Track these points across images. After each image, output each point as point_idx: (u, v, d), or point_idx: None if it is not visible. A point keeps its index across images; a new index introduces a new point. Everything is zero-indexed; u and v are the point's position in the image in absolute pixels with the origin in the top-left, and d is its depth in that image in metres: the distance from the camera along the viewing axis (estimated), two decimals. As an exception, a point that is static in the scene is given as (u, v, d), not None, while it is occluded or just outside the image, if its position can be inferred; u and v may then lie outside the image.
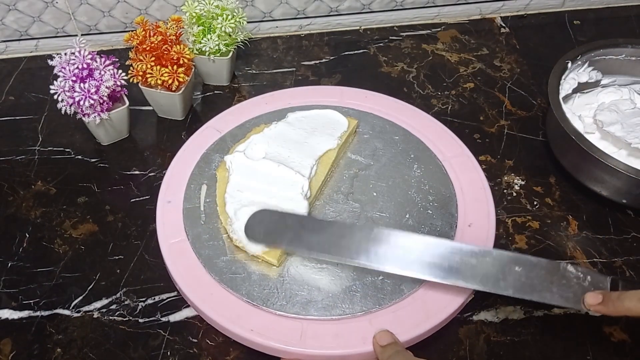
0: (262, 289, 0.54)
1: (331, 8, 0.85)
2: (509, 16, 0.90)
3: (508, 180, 0.67)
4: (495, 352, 0.54)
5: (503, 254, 0.50)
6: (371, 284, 0.54)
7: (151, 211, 0.62)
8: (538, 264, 0.49)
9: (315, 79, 0.80)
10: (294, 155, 0.62)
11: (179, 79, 0.68)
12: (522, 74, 0.80)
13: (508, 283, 0.49)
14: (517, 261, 0.50)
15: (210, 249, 0.57)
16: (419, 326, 0.52)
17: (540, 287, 0.48)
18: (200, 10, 0.72)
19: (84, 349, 0.54)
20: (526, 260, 0.50)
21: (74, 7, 0.79)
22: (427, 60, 0.83)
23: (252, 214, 0.54)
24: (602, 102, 0.69)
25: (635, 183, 0.59)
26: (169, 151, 0.69)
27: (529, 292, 0.49)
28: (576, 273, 0.48)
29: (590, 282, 0.48)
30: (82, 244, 0.62)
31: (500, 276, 0.49)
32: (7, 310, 0.57)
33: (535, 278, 0.49)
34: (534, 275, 0.49)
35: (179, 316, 0.56)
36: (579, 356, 0.53)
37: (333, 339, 0.51)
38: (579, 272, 0.48)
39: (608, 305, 0.46)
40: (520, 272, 0.49)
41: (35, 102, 0.77)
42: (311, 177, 0.61)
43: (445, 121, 0.71)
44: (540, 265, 0.49)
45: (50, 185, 0.67)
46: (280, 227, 0.54)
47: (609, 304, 0.45)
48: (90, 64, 0.64)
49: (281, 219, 0.54)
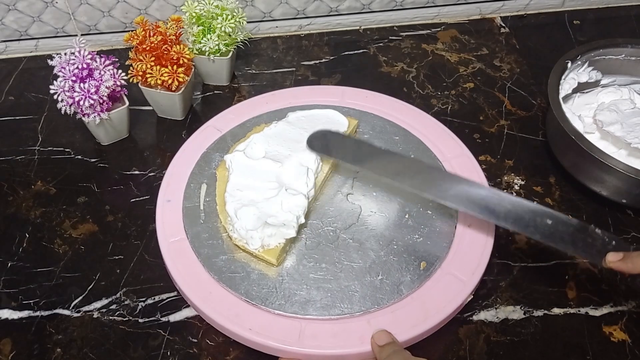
0: (261, 288, 0.54)
1: (331, 8, 0.85)
2: (508, 16, 0.90)
3: (508, 180, 0.67)
4: (495, 352, 0.54)
5: (539, 207, 0.53)
6: (370, 284, 0.55)
7: (151, 211, 0.62)
8: (568, 222, 0.52)
9: (315, 79, 0.80)
10: (294, 155, 0.62)
11: (179, 79, 0.68)
12: (522, 73, 0.80)
13: (537, 229, 0.52)
14: (550, 216, 0.52)
15: (209, 248, 0.57)
16: (417, 326, 0.52)
17: (568, 240, 0.51)
18: (200, 10, 0.72)
19: (84, 349, 0.54)
20: (559, 216, 0.52)
21: (74, 7, 0.79)
22: (427, 60, 0.83)
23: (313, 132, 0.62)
24: (602, 102, 0.69)
25: (635, 183, 0.59)
26: (169, 151, 0.69)
27: (556, 241, 0.52)
28: (602, 236, 0.51)
29: (614, 246, 0.50)
30: (82, 244, 0.62)
31: (531, 223, 0.52)
32: (7, 310, 0.57)
33: (564, 232, 0.51)
34: (563, 230, 0.51)
35: (179, 316, 0.56)
36: (579, 356, 0.53)
37: (331, 338, 0.51)
38: (604, 235, 0.51)
39: (627, 262, 0.47)
40: (551, 225, 0.52)
41: (35, 102, 0.77)
42: (317, 174, 0.61)
43: (445, 121, 0.71)
44: (570, 223, 0.52)
45: (50, 185, 0.67)
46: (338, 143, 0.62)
47: (629, 261, 0.47)
48: (90, 64, 0.64)
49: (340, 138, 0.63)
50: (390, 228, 0.59)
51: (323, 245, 0.58)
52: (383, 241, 0.58)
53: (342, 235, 0.59)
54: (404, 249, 0.57)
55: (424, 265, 0.56)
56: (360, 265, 0.56)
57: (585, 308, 0.57)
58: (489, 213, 0.54)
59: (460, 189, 0.55)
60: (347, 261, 0.56)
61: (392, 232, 0.59)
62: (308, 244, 0.58)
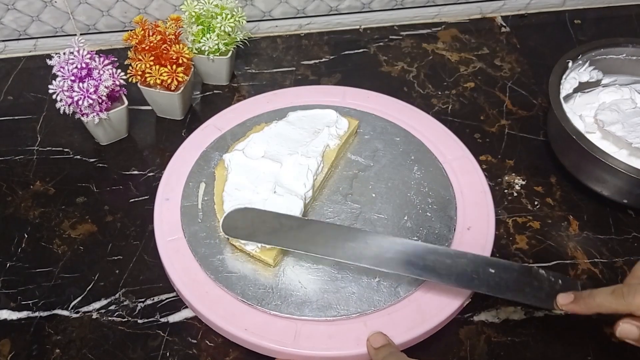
0: (257, 289, 0.54)
1: (331, 7, 0.85)
2: (509, 15, 0.90)
3: (509, 180, 0.67)
4: (496, 352, 0.53)
5: (477, 257, 0.52)
6: (367, 286, 0.54)
7: (150, 211, 0.62)
8: (510, 267, 0.51)
9: (315, 79, 0.79)
10: (293, 155, 0.62)
11: (178, 78, 0.68)
12: (522, 73, 0.80)
13: (482, 282, 0.51)
14: (491, 264, 0.51)
15: (206, 247, 0.57)
16: (414, 329, 0.52)
17: (514, 287, 0.50)
18: (200, 9, 0.72)
19: (83, 349, 0.54)
20: (499, 263, 0.51)
21: (73, 6, 0.79)
22: (427, 60, 0.82)
23: (226, 213, 0.56)
24: (602, 101, 0.69)
25: (636, 183, 0.59)
26: (168, 151, 0.69)
27: (503, 291, 0.50)
28: (547, 276, 0.50)
29: (561, 284, 0.49)
30: (81, 244, 0.62)
31: (474, 276, 0.51)
32: (5, 311, 0.56)
33: (509, 279, 0.50)
34: (507, 277, 0.51)
35: (178, 317, 0.56)
36: (580, 357, 0.53)
37: (327, 340, 0.51)
38: (550, 275, 0.50)
39: (580, 303, 0.46)
40: (494, 273, 0.51)
41: (34, 101, 0.77)
42: (317, 174, 0.61)
43: (445, 121, 0.71)
44: (513, 268, 0.51)
45: (49, 185, 0.67)
46: (257, 223, 0.55)
47: (581, 302, 0.46)
48: (89, 64, 0.64)
49: (259, 216, 0.56)
50: (388, 230, 0.59)
51: (321, 246, 0.58)
52: (382, 242, 0.58)
53: (340, 236, 0.58)
54: (403, 250, 0.57)
55: (422, 267, 0.56)
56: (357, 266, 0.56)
57: (586, 309, 0.56)
58: (429, 273, 0.51)
59: (396, 251, 0.52)
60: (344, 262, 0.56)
61: (391, 233, 0.58)
62: (307, 244, 0.58)
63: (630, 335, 0.44)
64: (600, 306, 0.44)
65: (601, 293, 0.45)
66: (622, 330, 0.44)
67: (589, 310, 0.45)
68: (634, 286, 0.43)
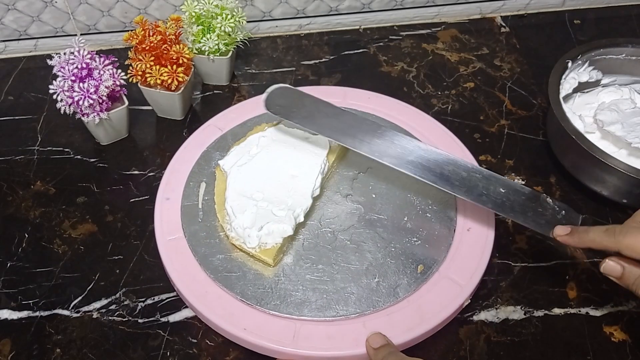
0: (257, 288, 0.54)
1: (331, 7, 0.85)
2: (509, 15, 0.90)
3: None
4: (496, 352, 0.54)
5: (492, 175, 0.55)
6: (366, 286, 0.54)
7: (150, 211, 0.62)
8: (521, 190, 0.54)
9: (315, 79, 0.80)
10: (295, 154, 0.62)
11: (179, 78, 0.68)
12: (522, 73, 0.80)
13: (489, 199, 0.54)
14: (503, 184, 0.54)
15: (206, 247, 0.57)
16: (413, 330, 0.52)
17: (518, 209, 0.53)
18: (200, 9, 0.72)
19: (84, 349, 0.54)
20: (511, 184, 0.55)
21: (73, 6, 0.79)
22: (427, 60, 0.82)
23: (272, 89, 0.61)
24: (602, 101, 0.69)
25: (635, 183, 0.59)
26: (169, 151, 0.69)
27: (507, 211, 0.53)
28: (552, 205, 0.52)
29: (563, 215, 0.52)
30: (82, 244, 0.62)
31: (484, 192, 0.54)
32: (6, 311, 0.57)
33: (516, 201, 0.53)
34: (514, 199, 0.53)
35: (178, 316, 0.56)
36: (579, 356, 0.53)
37: (326, 340, 0.51)
38: (555, 205, 0.52)
39: (574, 236, 0.48)
40: (504, 193, 0.54)
41: (35, 101, 0.77)
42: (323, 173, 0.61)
43: (445, 121, 0.71)
44: (522, 192, 0.54)
45: (50, 185, 0.67)
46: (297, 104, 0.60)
47: (576, 235, 0.48)
48: (90, 64, 0.64)
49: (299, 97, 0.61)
50: (388, 230, 0.59)
51: (320, 246, 0.58)
52: (381, 243, 0.58)
53: (339, 237, 0.58)
54: (402, 251, 0.57)
55: (421, 268, 0.56)
56: (357, 267, 0.56)
57: (585, 308, 0.56)
58: (443, 182, 0.54)
59: (418, 155, 0.56)
60: (344, 263, 0.56)
61: (390, 234, 0.59)
62: (305, 244, 0.58)
63: (613, 272, 0.46)
64: (592, 241, 0.46)
65: (596, 230, 0.46)
66: (607, 266, 0.46)
67: (582, 244, 0.48)
68: (627, 227, 0.45)
